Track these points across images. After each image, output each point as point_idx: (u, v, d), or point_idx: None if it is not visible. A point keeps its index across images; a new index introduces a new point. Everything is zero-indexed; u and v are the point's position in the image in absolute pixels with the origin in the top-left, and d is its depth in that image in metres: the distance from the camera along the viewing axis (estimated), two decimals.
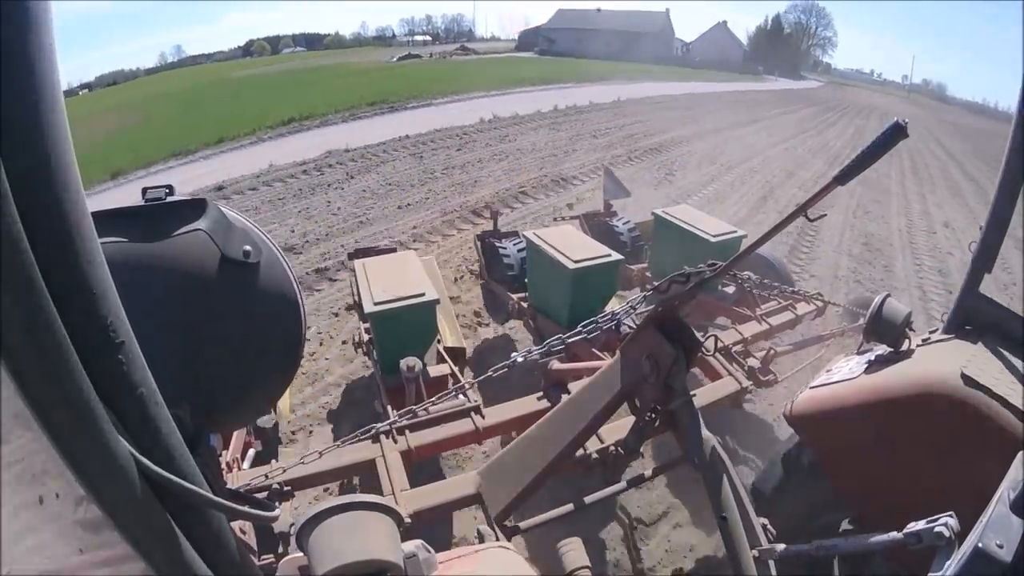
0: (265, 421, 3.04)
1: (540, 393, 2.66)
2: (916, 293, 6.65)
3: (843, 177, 1.40)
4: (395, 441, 2.33)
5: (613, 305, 3.40)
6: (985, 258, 1.69)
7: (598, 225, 4.99)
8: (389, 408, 2.71)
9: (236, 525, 1.84)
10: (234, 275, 1.33)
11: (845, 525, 2.03)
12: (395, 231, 7.31)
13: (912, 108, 40.73)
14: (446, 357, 3.05)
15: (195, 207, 1.32)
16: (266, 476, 2.04)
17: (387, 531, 0.90)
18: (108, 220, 1.25)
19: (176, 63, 59.78)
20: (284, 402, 3.31)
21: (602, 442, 2.32)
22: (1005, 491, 0.95)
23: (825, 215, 1.45)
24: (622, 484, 2.21)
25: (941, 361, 1.59)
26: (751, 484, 2.25)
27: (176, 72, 50.66)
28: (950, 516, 1.38)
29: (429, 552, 0.95)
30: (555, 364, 2.81)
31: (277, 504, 1.93)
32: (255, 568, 0.82)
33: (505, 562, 1.07)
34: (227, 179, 9.83)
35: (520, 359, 2.00)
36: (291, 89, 22.69)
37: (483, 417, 2.50)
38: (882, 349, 1.82)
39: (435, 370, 2.90)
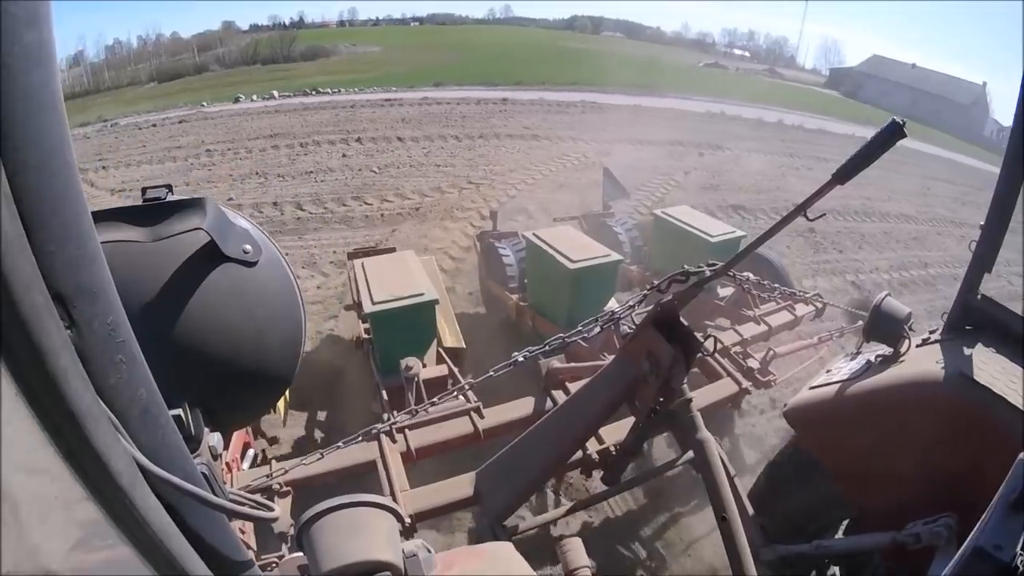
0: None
1: (539, 394, 2.66)
2: None
3: (842, 176, 1.41)
4: (394, 441, 2.33)
5: (612, 306, 3.39)
6: (985, 258, 1.68)
7: (597, 226, 4.99)
8: (388, 407, 2.71)
9: (236, 525, 1.84)
10: (234, 274, 1.32)
11: (845, 524, 2.03)
12: (587, 138, 12.27)
13: None
14: (445, 357, 3.04)
15: (195, 206, 1.31)
16: (268, 477, 2.04)
17: (387, 530, 0.90)
18: (108, 219, 1.25)
19: (502, 20, 62.96)
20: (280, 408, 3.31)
21: (601, 443, 2.31)
22: (1005, 492, 0.95)
23: (824, 214, 1.47)
24: (621, 484, 2.23)
25: (941, 361, 1.58)
26: (752, 483, 2.25)
27: (500, 28, 55.23)
28: (949, 516, 1.39)
29: (429, 551, 0.95)
30: (554, 364, 2.81)
31: (276, 504, 1.93)
32: (255, 568, 0.82)
33: (506, 560, 1.07)
34: (511, 98, 16.87)
35: (521, 359, 2.01)
36: (592, 63, 27.00)
37: (482, 417, 2.49)
38: (882, 349, 1.81)
39: (434, 370, 2.89)
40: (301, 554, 0.90)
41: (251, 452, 2.72)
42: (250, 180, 8.93)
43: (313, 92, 17.72)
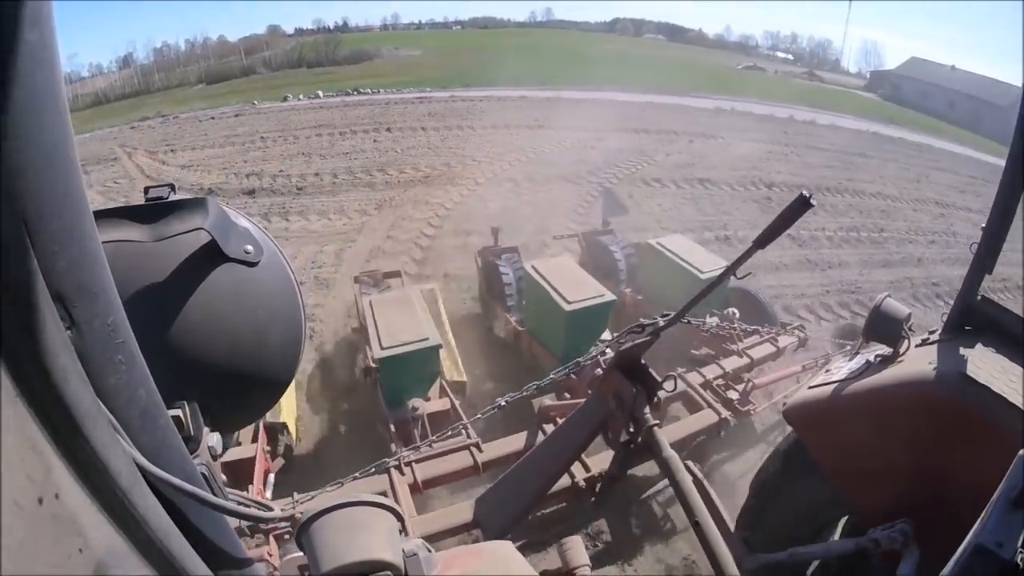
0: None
1: (532, 429, 2.93)
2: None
3: (762, 242, 1.71)
4: (403, 474, 2.59)
5: (606, 336, 3.69)
6: (986, 259, 1.67)
7: (595, 245, 5.10)
8: (395, 438, 3.02)
9: (264, 551, 2.03)
10: (235, 274, 1.32)
11: (843, 523, 2.04)
12: (587, 128, 13.42)
13: None
14: (448, 392, 3.32)
15: (196, 206, 1.31)
16: (292, 506, 2.20)
17: (387, 530, 0.90)
18: (109, 219, 1.24)
19: (543, 23, 63.39)
20: (290, 423, 3.46)
21: (588, 470, 2.59)
22: (1005, 489, 0.95)
23: (751, 274, 1.75)
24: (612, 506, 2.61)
25: (940, 361, 1.58)
26: (750, 482, 2.26)
27: (540, 31, 55.77)
28: (905, 522, 1.51)
29: (429, 551, 0.95)
30: (546, 402, 3.07)
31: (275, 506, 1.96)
32: (254, 567, 0.82)
33: (505, 559, 1.07)
34: (529, 96, 18.56)
35: (503, 403, 2.39)
36: (622, 64, 28.36)
37: (481, 451, 2.75)
38: (881, 349, 1.81)
39: (437, 404, 3.22)
40: (301, 554, 0.90)
41: (271, 478, 2.84)
42: (297, 158, 11.23)
43: (354, 92, 20.54)
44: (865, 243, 8.77)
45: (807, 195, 1.58)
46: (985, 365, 1.51)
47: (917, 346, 1.77)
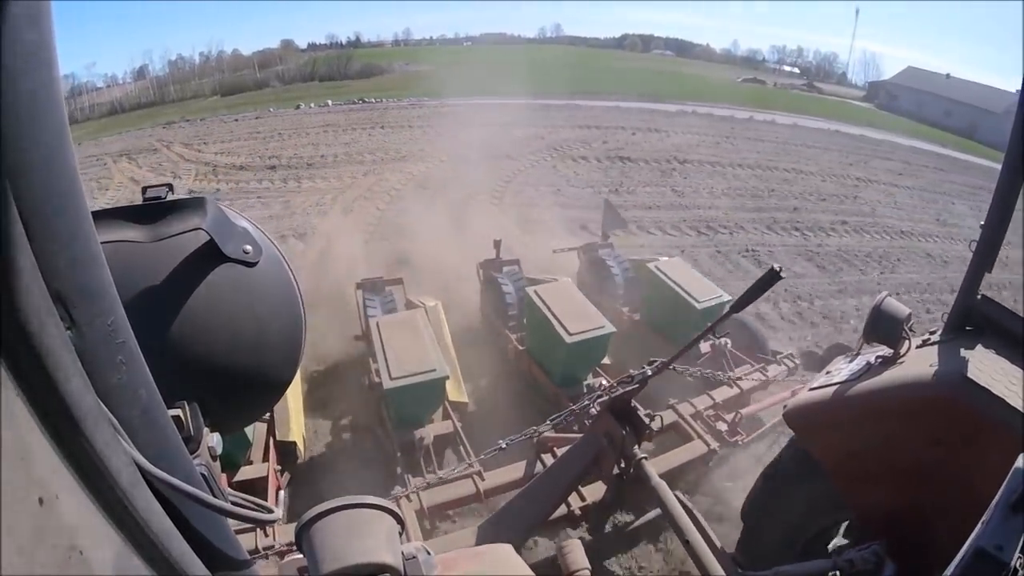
0: None
1: (531, 459, 3.06)
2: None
3: (737, 308, 2.00)
4: (410, 501, 2.73)
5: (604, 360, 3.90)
6: (985, 258, 1.67)
7: (594, 260, 5.11)
8: (402, 461, 3.21)
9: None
10: (234, 274, 1.32)
11: (845, 526, 2.04)
12: (545, 124, 15.91)
13: None
14: (451, 412, 3.45)
15: (195, 206, 1.30)
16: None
17: (387, 532, 0.90)
18: (108, 219, 1.24)
19: (553, 39, 63.28)
20: (299, 441, 3.51)
21: (583, 499, 2.79)
22: (1005, 493, 0.95)
23: (728, 333, 1.96)
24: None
25: (941, 363, 1.58)
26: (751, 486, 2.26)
27: (550, 46, 55.57)
28: (877, 544, 1.61)
29: (429, 554, 0.94)
30: (545, 433, 3.14)
31: (276, 506, 1.95)
32: (253, 568, 0.81)
33: (505, 561, 1.07)
34: (510, 103, 18.39)
35: (504, 444, 2.53)
36: (617, 77, 30.08)
37: (483, 480, 2.89)
38: (882, 350, 1.81)
39: (440, 426, 3.42)
40: (301, 556, 0.90)
41: (283, 495, 2.90)
42: (308, 147, 14.67)
43: (359, 101, 24.05)
44: (746, 197, 10.49)
45: (777, 268, 1.76)
46: (986, 367, 1.51)
47: (918, 347, 1.77)
